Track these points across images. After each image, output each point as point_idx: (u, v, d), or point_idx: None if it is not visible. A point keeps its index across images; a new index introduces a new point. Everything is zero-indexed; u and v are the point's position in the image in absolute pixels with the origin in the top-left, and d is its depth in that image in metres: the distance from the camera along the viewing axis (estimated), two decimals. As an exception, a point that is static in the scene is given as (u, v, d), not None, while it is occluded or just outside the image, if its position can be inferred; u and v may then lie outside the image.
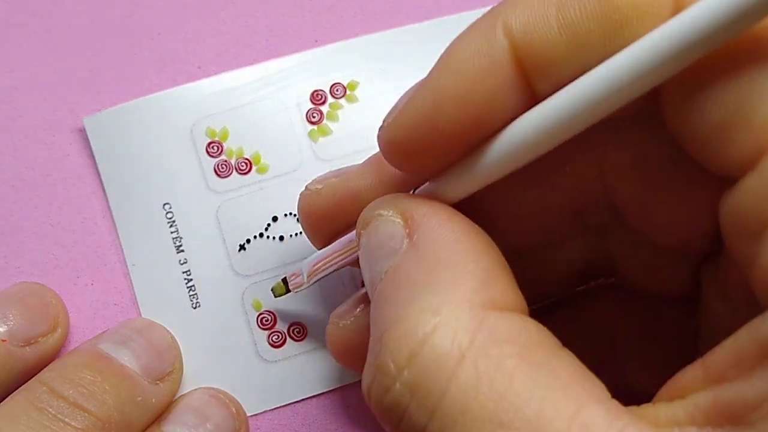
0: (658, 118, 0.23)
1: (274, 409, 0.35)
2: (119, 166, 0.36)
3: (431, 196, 0.26)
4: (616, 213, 0.27)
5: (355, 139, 0.37)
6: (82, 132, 0.37)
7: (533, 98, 0.23)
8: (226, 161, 0.37)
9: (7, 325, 0.33)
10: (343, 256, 0.30)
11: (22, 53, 0.38)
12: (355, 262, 0.29)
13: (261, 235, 0.36)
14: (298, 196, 0.32)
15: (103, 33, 0.38)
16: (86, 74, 0.38)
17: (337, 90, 0.38)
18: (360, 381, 0.35)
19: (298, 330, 0.36)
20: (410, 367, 0.21)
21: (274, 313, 0.36)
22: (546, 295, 0.31)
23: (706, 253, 0.26)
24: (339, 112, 0.37)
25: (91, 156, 0.37)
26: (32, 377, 0.32)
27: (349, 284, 0.36)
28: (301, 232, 0.36)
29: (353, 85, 0.38)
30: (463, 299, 0.22)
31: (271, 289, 0.35)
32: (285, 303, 0.36)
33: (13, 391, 0.31)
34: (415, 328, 0.21)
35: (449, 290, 0.22)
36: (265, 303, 0.36)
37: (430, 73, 0.23)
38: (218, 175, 0.36)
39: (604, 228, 0.28)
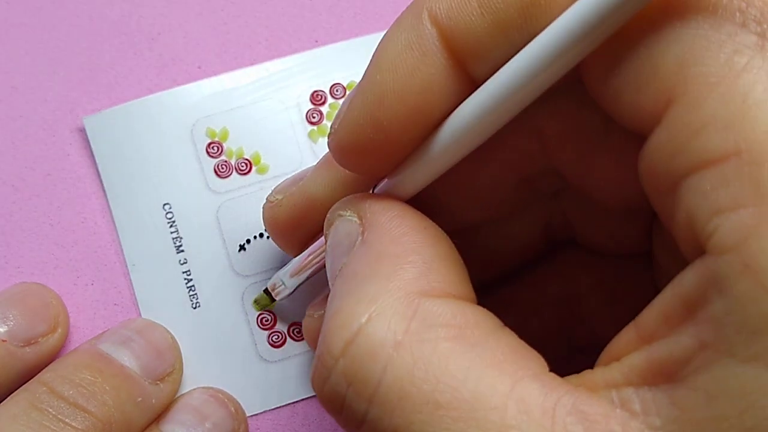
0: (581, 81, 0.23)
1: (274, 409, 0.35)
2: (119, 166, 0.36)
3: (387, 194, 0.26)
4: (563, 179, 0.27)
5: (355, 139, 0.37)
6: (82, 132, 0.37)
7: (471, 83, 0.23)
8: (226, 161, 0.37)
9: (7, 325, 0.33)
10: (317, 260, 0.31)
11: (22, 53, 0.38)
12: None
13: (261, 235, 0.36)
14: None
15: (103, 33, 0.38)
16: (86, 74, 0.38)
17: (337, 90, 0.38)
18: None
19: (298, 330, 0.36)
20: (345, 356, 0.21)
21: (274, 313, 0.36)
22: (510, 263, 0.31)
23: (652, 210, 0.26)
24: (339, 112, 0.38)
25: (91, 156, 0.37)
26: (32, 377, 0.32)
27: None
28: (300, 233, 0.36)
29: (353, 86, 0.38)
30: (399, 288, 0.22)
31: (254, 302, 0.35)
32: (285, 304, 0.36)
33: (13, 392, 0.31)
34: (351, 318, 0.22)
35: (386, 280, 0.22)
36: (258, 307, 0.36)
37: (366, 73, 0.24)
38: (218, 176, 0.37)
39: (555, 193, 0.29)
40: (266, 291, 0.34)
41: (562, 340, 0.31)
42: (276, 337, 0.35)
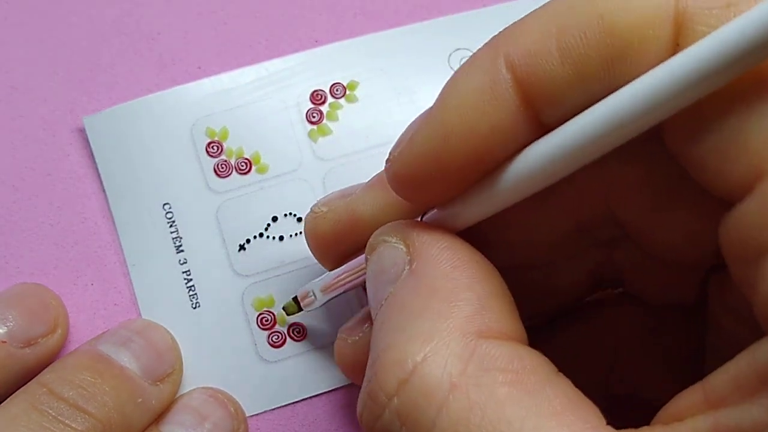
0: (660, 138, 0.23)
1: (274, 409, 0.35)
2: (119, 166, 0.36)
3: (437, 224, 0.26)
4: (622, 229, 0.27)
5: (355, 139, 0.37)
6: (82, 132, 0.37)
7: (540, 128, 0.23)
8: (225, 161, 0.37)
9: (6, 326, 0.33)
10: (351, 279, 0.31)
11: (22, 53, 0.38)
12: (364, 285, 0.29)
13: (261, 235, 0.36)
14: (297, 196, 0.32)
15: (103, 33, 0.38)
16: (86, 74, 0.38)
17: (337, 90, 0.38)
18: (359, 381, 0.35)
19: (298, 330, 0.36)
20: (400, 395, 0.21)
21: (274, 313, 0.36)
22: (554, 306, 0.31)
23: (712, 265, 0.26)
24: (339, 111, 0.37)
25: (91, 156, 0.37)
26: (32, 378, 0.32)
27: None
28: (300, 233, 0.36)
29: (353, 85, 0.38)
30: (455, 327, 0.22)
31: (283, 308, 0.35)
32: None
33: (13, 393, 0.31)
34: (405, 356, 0.21)
35: (442, 318, 0.22)
36: (264, 303, 0.36)
37: (434, 107, 0.23)
38: (218, 175, 0.36)
39: (611, 241, 0.28)
40: (295, 299, 0.34)
41: (599, 386, 0.30)
42: (276, 337, 0.35)
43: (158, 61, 0.38)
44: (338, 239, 0.31)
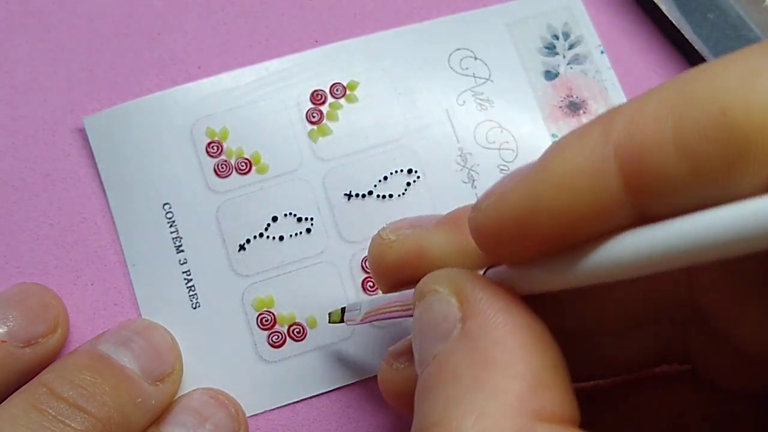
0: None
1: (274, 409, 0.35)
2: (119, 166, 0.36)
3: (499, 281, 0.24)
4: (699, 314, 0.26)
5: (356, 139, 0.37)
6: (82, 132, 0.37)
7: (641, 217, 0.21)
8: (225, 161, 0.37)
9: (7, 326, 0.32)
10: (401, 310, 0.30)
11: (22, 53, 0.38)
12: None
13: (261, 235, 0.36)
14: (297, 196, 0.32)
15: (103, 33, 0.38)
16: (86, 74, 0.38)
17: (337, 90, 0.38)
18: (358, 382, 0.35)
19: (298, 330, 0.36)
20: None
21: (274, 313, 0.36)
22: (614, 373, 0.30)
23: None
24: (339, 111, 0.38)
25: (91, 156, 0.37)
26: (32, 378, 0.32)
27: (347, 282, 0.36)
28: (300, 232, 0.36)
29: (353, 85, 0.38)
30: (509, 406, 0.21)
31: (329, 313, 0.34)
32: (288, 300, 0.36)
33: (13, 392, 0.31)
34: None
35: (496, 394, 0.21)
36: (264, 303, 0.36)
37: (533, 171, 0.22)
38: (218, 175, 0.36)
39: (684, 322, 0.27)
40: (343, 309, 0.34)
41: None
42: (276, 337, 0.35)
43: (158, 62, 0.38)
44: (402, 271, 0.30)
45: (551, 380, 0.22)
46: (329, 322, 0.34)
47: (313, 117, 0.37)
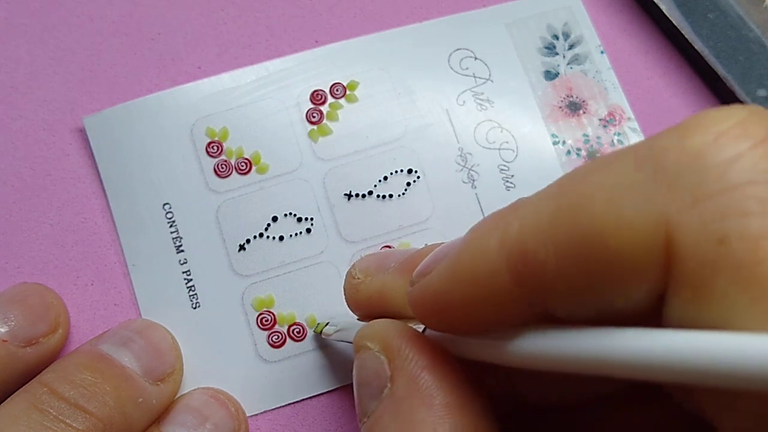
0: None
1: (274, 409, 0.35)
2: (119, 166, 0.36)
3: (436, 338, 0.25)
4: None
5: (355, 138, 0.37)
6: (82, 132, 0.37)
7: (545, 314, 0.21)
8: (225, 161, 0.37)
9: (8, 325, 0.32)
10: None
11: (22, 53, 0.38)
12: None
13: (261, 235, 0.36)
14: (297, 196, 0.32)
15: (104, 33, 0.38)
16: (86, 74, 0.38)
17: (337, 90, 0.38)
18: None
19: (298, 330, 0.36)
20: None
21: (274, 313, 0.36)
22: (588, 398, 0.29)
23: None
24: (339, 111, 0.38)
25: (91, 156, 0.37)
26: (33, 378, 0.32)
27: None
28: (300, 232, 0.36)
29: (353, 85, 0.38)
30: None
31: (318, 323, 0.36)
32: (288, 300, 0.36)
33: (14, 392, 0.31)
34: None
35: None
36: (264, 303, 0.36)
37: (453, 254, 0.23)
38: (218, 175, 0.37)
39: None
40: (327, 324, 0.35)
41: None
42: (276, 337, 0.35)
43: (158, 62, 0.38)
44: (370, 308, 0.31)
45: None
46: (314, 332, 0.36)
47: (313, 117, 0.37)
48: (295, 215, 0.36)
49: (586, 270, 0.19)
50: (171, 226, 0.36)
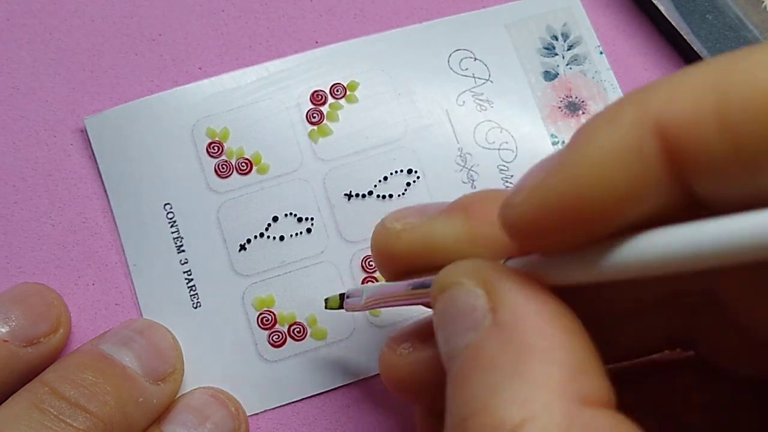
0: None
1: (274, 408, 0.35)
2: (120, 166, 0.37)
3: (523, 270, 0.24)
4: (713, 301, 0.25)
5: (356, 139, 0.37)
6: (83, 132, 0.37)
7: (689, 196, 0.20)
8: (226, 161, 0.37)
9: (9, 325, 0.33)
10: (408, 299, 0.29)
11: (23, 54, 0.38)
12: (420, 306, 0.28)
13: (261, 235, 0.36)
14: (298, 196, 0.32)
15: (104, 34, 0.38)
16: (87, 75, 0.38)
17: (337, 90, 0.38)
18: (358, 381, 0.35)
19: (299, 330, 0.36)
20: None
21: (274, 312, 0.36)
22: (619, 360, 0.29)
23: None
24: (339, 112, 0.38)
25: (92, 156, 0.37)
26: (34, 377, 0.32)
27: (347, 282, 0.36)
28: (300, 232, 0.36)
29: (353, 86, 0.38)
30: (553, 391, 0.20)
31: (325, 299, 0.34)
32: (289, 300, 0.36)
33: (14, 392, 0.31)
34: (503, 421, 0.20)
35: (538, 380, 0.20)
36: (264, 302, 0.36)
37: (565, 157, 0.21)
38: (219, 176, 0.37)
39: (695, 308, 0.26)
40: (342, 295, 0.33)
41: None
42: (276, 336, 0.36)
43: (159, 62, 0.38)
44: (410, 261, 0.29)
45: (589, 365, 0.21)
46: (326, 308, 0.34)
47: (314, 117, 0.37)
48: (295, 215, 0.36)
49: (756, 137, 0.18)
50: (172, 226, 0.36)
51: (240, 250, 0.36)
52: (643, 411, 0.27)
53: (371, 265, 0.36)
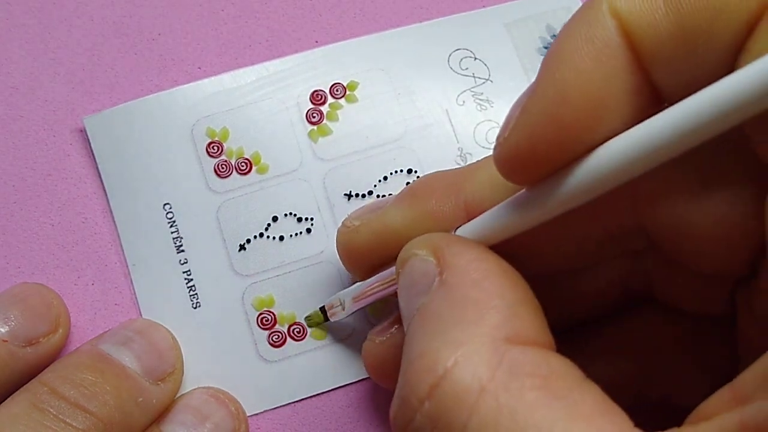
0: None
1: (274, 408, 0.35)
2: (120, 166, 0.36)
3: (469, 236, 0.26)
4: (650, 239, 0.27)
5: (355, 139, 0.37)
6: (83, 132, 0.37)
7: (654, 93, 0.23)
8: (226, 161, 0.37)
9: (8, 325, 0.33)
10: (382, 289, 0.31)
11: (23, 53, 0.38)
12: (394, 294, 0.29)
13: (261, 235, 0.36)
14: (297, 196, 0.32)
15: (104, 33, 0.38)
16: (86, 75, 0.38)
17: (337, 90, 0.38)
18: (358, 381, 0.35)
19: (298, 330, 0.36)
20: (431, 399, 0.21)
21: (274, 312, 0.36)
22: (583, 314, 0.31)
23: (739, 276, 0.25)
24: (339, 112, 0.38)
25: (91, 156, 0.37)
26: (33, 377, 0.32)
27: (347, 282, 0.36)
28: (300, 232, 0.36)
29: (353, 86, 0.38)
30: (485, 334, 0.22)
31: (306, 318, 0.36)
32: (289, 300, 0.36)
33: (14, 392, 0.31)
34: (436, 362, 0.22)
35: (472, 325, 0.22)
36: (264, 303, 0.36)
37: (541, 73, 0.23)
38: (218, 175, 0.37)
39: (640, 252, 0.28)
40: (322, 309, 0.35)
41: (629, 393, 0.30)
42: (276, 337, 0.35)
43: (159, 62, 0.38)
44: (372, 251, 0.31)
45: (525, 312, 0.23)
46: (309, 326, 0.35)
47: (313, 117, 0.37)
48: (295, 215, 0.36)
49: (702, 7, 0.21)
50: (171, 226, 0.36)
51: (240, 250, 0.36)
52: (614, 355, 0.30)
53: (370, 266, 0.36)
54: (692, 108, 0.20)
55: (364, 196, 0.37)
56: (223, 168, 0.37)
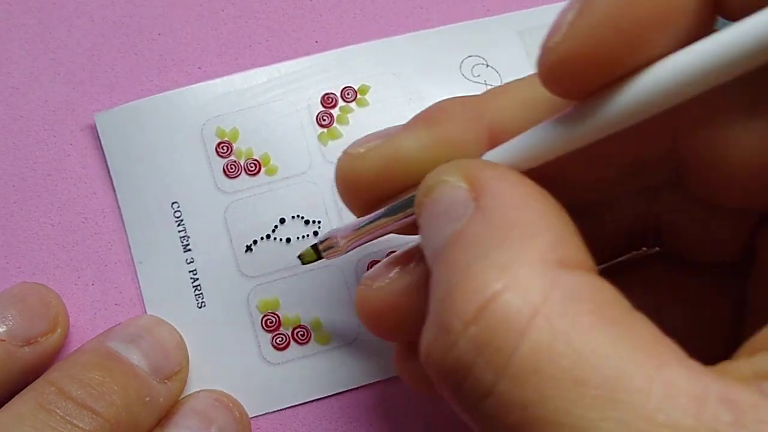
0: None
1: (276, 411, 0.35)
2: (129, 163, 0.36)
3: (500, 162, 0.24)
4: (679, 170, 0.26)
5: (365, 143, 0.38)
6: (83, 132, 0.37)
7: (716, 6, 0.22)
8: (235, 162, 0.37)
9: (6, 325, 0.32)
10: (390, 222, 0.28)
11: (23, 53, 0.38)
12: (403, 230, 0.27)
13: (268, 236, 0.36)
14: (306, 198, 0.33)
15: (104, 33, 0.38)
16: (87, 75, 0.38)
17: (348, 94, 0.38)
18: (364, 386, 0.35)
19: (302, 333, 0.36)
20: (477, 322, 0.20)
21: (279, 315, 0.36)
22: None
23: (762, 216, 0.25)
24: (350, 115, 0.38)
25: (92, 156, 0.36)
26: (31, 377, 0.32)
27: (352, 286, 0.36)
28: (307, 235, 0.36)
29: (364, 89, 0.38)
30: (534, 257, 0.21)
31: (299, 256, 0.33)
32: (293, 303, 0.36)
33: (12, 391, 0.31)
34: (484, 285, 0.20)
35: (520, 248, 0.21)
36: (269, 305, 0.36)
37: None
38: (227, 176, 0.36)
39: (657, 189, 0.27)
40: (314, 247, 0.32)
41: None
42: (280, 339, 0.35)
43: (159, 62, 0.38)
44: (379, 181, 0.28)
45: (570, 237, 0.22)
46: (303, 263, 0.33)
47: (324, 120, 0.38)
48: (302, 218, 0.36)
49: None
50: (179, 224, 0.36)
51: (246, 251, 0.36)
52: None
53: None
54: (764, 23, 0.19)
55: (372, 200, 0.37)
56: (232, 168, 0.37)
